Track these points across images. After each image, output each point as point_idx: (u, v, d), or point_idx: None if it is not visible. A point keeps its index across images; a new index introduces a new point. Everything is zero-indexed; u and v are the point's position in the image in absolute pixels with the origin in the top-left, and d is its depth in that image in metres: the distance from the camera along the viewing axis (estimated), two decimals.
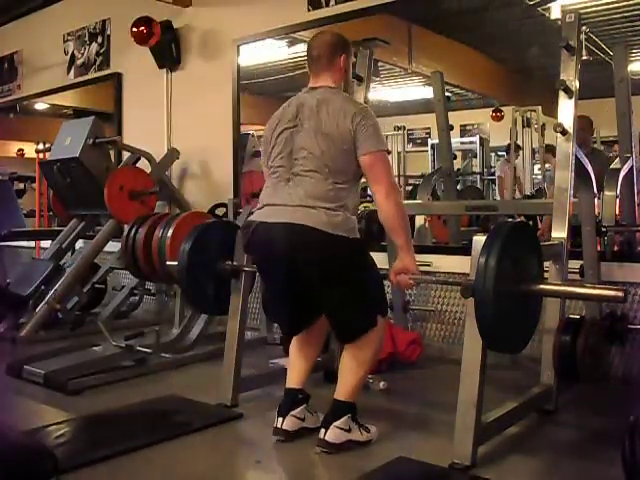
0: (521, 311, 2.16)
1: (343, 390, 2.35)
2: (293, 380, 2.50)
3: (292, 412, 2.41)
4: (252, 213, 2.48)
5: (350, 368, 2.36)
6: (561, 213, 2.72)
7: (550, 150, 6.51)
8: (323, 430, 2.29)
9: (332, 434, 2.28)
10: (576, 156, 2.77)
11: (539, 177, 7.44)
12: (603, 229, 3.24)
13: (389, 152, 2.43)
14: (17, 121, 8.53)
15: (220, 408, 2.74)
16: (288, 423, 2.40)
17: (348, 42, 2.56)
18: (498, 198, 7.26)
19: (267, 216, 2.34)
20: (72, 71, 6.19)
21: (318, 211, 2.25)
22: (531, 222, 5.79)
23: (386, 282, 2.54)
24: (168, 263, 3.47)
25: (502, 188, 7.13)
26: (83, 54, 6.06)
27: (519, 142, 7.22)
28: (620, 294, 2.02)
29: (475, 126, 9.26)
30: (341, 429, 2.29)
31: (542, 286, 2.21)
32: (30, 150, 7.54)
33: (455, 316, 3.76)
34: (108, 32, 5.82)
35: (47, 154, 5.30)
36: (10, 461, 1.63)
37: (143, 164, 4.81)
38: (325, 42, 2.50)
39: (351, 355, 2.37)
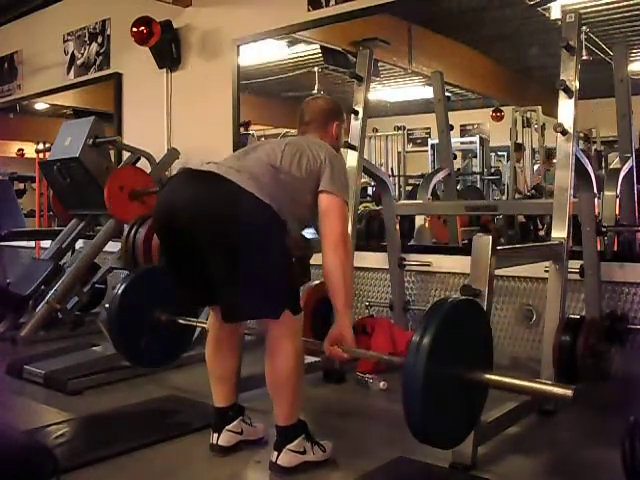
0: (458, 401, 1.86)
1: (280, 414, 2.16)
2: (219, 399, 2.34)
3: (227, 427, 2.31)
4: None
5: (277, 385, 2.15)
6: (561, 213, 2.72)
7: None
8: (275, 453, 2.15)
9: (285, 458, 2.13)
10: (576, 156, 2.78)
11: (539, 177, 7.44)
12: (603, 229, 3.24)
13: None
14: (17, 121, 8.52)
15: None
16: (224, 439, 2.30)
17: (341, 109, 2.52)
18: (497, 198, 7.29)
19: (195, 166, 2.20)
20: (72, 71, 6.19)
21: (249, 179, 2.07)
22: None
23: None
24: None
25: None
26: (83, 54, 6.06)
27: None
28: (569, 392, 1.79)
29: (475, 126, 9.26)
30: (295, 452, 2.14)
31: (487, 376, 1.86)
32: (30, 150, 7.54)
33: None
34: (108, 32, 5.81)
35: (47, 154, 5.30)
36: (10, 461, 1.62)
37: (143, 164, 4.81)
38: (319, 108, 2.46)
39: (270, 368, 2.15)
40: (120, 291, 2.73)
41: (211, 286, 2.10)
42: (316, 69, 6.60)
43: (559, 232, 2.72)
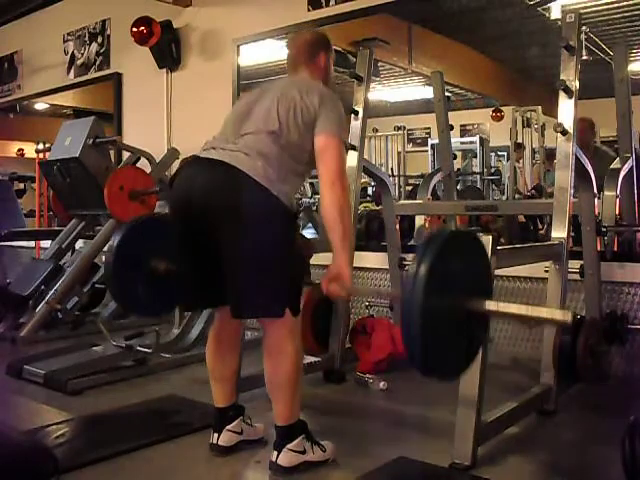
0: (459, 332, 1.84)
1: (280, 414, 2.15)
2: (219, 399, 2.33)
3: (227, 427, 2.30)
4: None
5: (277, 384, 2.14)
6: (561, 213, 2.72)
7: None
8: (275, 453, 2.13)
9: (285, 458, 2.12)
10: (576, 156, 2.78)
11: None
12: (603, 229, 3.23)
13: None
14: (17, 121, 8.53)
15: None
16: (224, 438, 2.29)
17: (329, 41, 2.49)
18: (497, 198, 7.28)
19: (205, 153, 2.20)
20: (72, 71, 6.19)
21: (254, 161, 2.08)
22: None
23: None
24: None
25: None
26: (83, 54, 6.06)
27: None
28: (567, 317, 1.82)
29: (475, 126, 9.26)
30: (295, 452, 2.13)
31: (487, 304, 1.84)
32: (30, 150, 7.54)
33: None
34: (108, 32, 5.82)
35: (47, 154, 5.30)
36: (10, 461, 1.63)
37: (143, 164, 4.81)
38: (305, 40, 2.45)
39: (270, 369, 2.15)
40: (117, 241, 2.67)
41: (220, 282, 2.11)
42: None
43: (559, 232, 2.72)
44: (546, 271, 2.81)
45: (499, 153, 8.46)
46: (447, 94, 5.52)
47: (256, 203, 2.04)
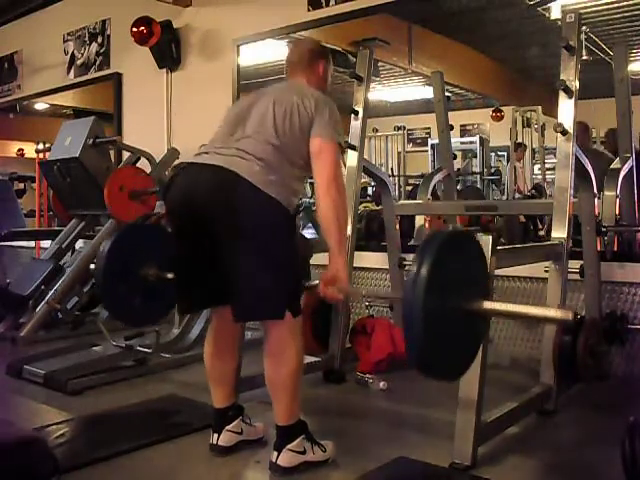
0: (459, 333, 1.83)
1: (281, 414, 2.15)
2: (218, 400, 2.33)
3: (227, 427, 2.31)
4: None
5: (278, 385, 2.14)
6: (561, 213, 2.72)
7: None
8: (275, 453, 2.14)
9: (285, 458, 2.12)
10: (576, 156, 2.78)
11: (539, 177, 7.45)
12: (603, 229, 3.23)
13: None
14: (17, 121, 8.52)
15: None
16: (224, 439, 2.30)
17: (328, 51, 2.55)
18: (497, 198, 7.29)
19: (198, 158, 2.21)
20: (72, 71, 6.19)
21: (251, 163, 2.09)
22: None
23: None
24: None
25: None
26: (83, 54, 6.06)
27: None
28: (569, 315, 1.82)
29: (475, 126, 9.26)
30: (295, 452, 2.14)
31: (486, 304, 1.84)
32: (30, 150, 7.53)
33: None
34: (108, 32, 5.82)
35: (47, 154, 5.30)
36: (10, 461, 1.63)
37: (143, 164, 4.81)
38: (305, 47, 2.51)
39: (271, 370, 2.15)
40: (105, 253, 2.67)
41: (218, 283, 2.12)
42: None
43: (559, 232, 2.72)
44: (546, 271, 2.81)
45: (499, 153, 8.47)
46: (447, 94, 5.53)
47: (255, 206, 2.05)
